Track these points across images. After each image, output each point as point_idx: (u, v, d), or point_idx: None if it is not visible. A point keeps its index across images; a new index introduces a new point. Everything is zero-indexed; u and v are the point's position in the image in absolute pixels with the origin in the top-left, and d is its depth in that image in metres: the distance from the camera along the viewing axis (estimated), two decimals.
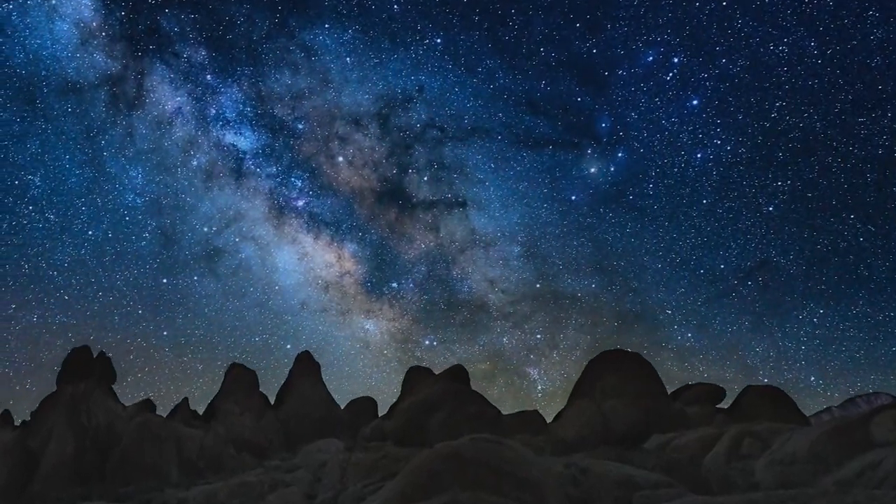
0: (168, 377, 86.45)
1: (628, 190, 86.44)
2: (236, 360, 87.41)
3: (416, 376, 46.26)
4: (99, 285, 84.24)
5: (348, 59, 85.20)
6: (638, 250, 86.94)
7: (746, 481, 20.91)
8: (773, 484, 19.09)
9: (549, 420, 44.96)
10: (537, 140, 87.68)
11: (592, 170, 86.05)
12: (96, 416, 39.70)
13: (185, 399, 46.90)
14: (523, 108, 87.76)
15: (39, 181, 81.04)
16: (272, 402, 52.68)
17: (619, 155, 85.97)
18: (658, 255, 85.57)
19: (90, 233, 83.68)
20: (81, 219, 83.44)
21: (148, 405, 45.42)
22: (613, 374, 38.02)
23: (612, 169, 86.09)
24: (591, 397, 38.14)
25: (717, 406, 42.98)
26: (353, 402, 55.85)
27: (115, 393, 43.93)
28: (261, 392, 51.68)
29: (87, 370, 42.14)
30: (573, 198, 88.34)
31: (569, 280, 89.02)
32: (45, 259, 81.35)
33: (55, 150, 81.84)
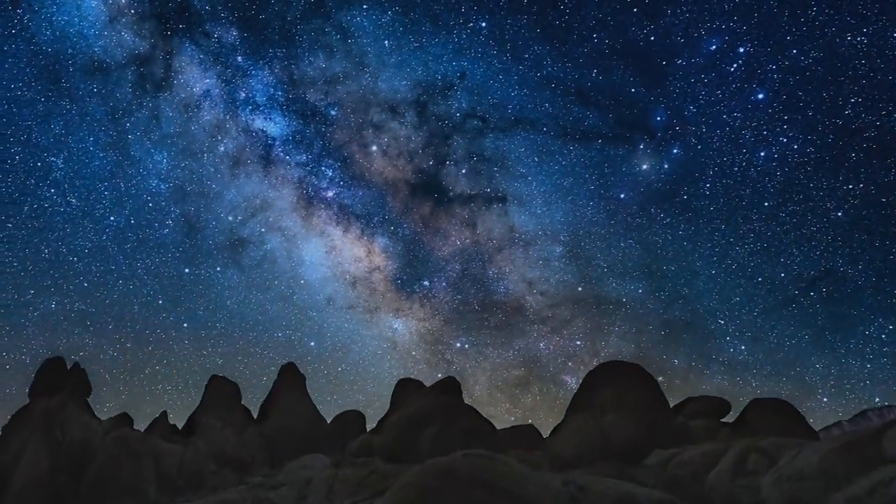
0: (187, 371, 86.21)
1: (683, 189, 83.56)
2: (258, 356, 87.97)
3: (406, 389, 46.07)
4: (119, 273, 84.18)
5: (386, 42, 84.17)
6: (690, 254, 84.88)
7: (752, 499, 20.82)
8: (781, 502, 19.00)
9: (545, 434, 44.82)
10: (586, 133, 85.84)
11: (644, 166, 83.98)
12: (70, 432, 39.36)
13: (164, 412, 46.57)
14: (572, 98, 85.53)
15: (62, 163, 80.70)
16: (255, 416, 52.37)
17: (675, 151, 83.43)
18: (712, 261, 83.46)
19: (112, 218, 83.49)
20: (103, 204, 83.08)
21: (125, 419, 45.03)
22: (613, 386, 37.88)
23: (666, 166, 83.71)
24: (589, 411, 38.00)
25: (722, 420, 42.85)
26: (339, 416, 55.51)
27: (90, 406, 43.60)
28: (243, 405, 51.37)
29: (60, 383, 41.81)
30: (622, 196, 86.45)
31: (613, 284, 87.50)
32: (65, 244, 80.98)
33: (79, 132, 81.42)
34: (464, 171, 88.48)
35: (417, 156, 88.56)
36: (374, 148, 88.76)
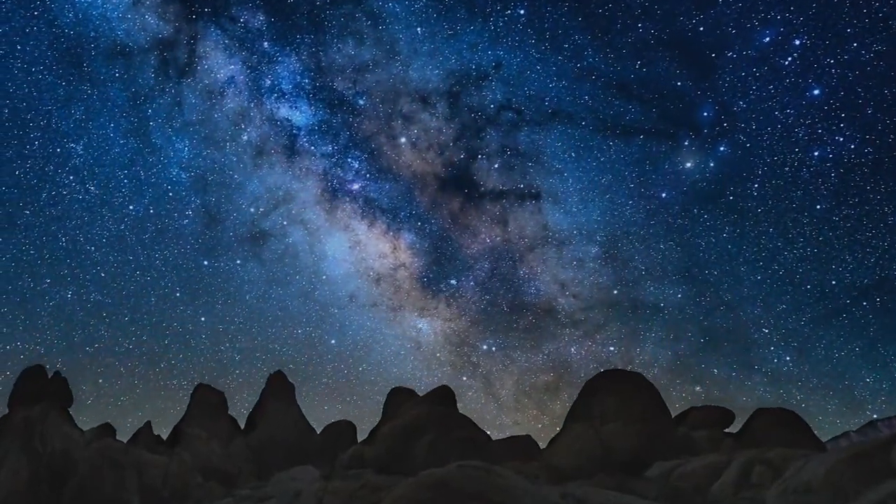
0: (204, 366, 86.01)
1: (729, 189, 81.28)
2: (277, 353, 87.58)
3: (398, 398, 45.92)
4: (137, 263, 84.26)
5: (419, 29, 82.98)
6: (735, 259, 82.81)
7: None
8: None
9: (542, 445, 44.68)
10: (627, 128, 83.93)
11: (688, 164, 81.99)
12: (51, 442, 39.17)
13: (148, 423, 46.33)
14: (613, 91, 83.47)
15: (82, 150, 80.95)
16: (242, 426, 52.20)
17: (721, 149, 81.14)
18: (758, 266, 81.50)
19: (131, 207, 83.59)
20: (123, 192, 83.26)
21: (107, 430, 44.79)
22: (613, 395, 37.85)
23: (712, 164, 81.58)
24: (588, 420, 37.95)
25: (726, 430, 42.82)
26: (329, 427, 55.37)
27: (71, 416, 43.37)
28: (230, 415, 51.21)
29: (41, 392, 41.62)
30: (663, 195, 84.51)
31: (651, 288, 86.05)
32: (83, 233, 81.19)
33: (99, 118, 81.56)
34: (496, 166, 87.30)
35: (448, 149, 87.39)
36: (403, 140, 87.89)
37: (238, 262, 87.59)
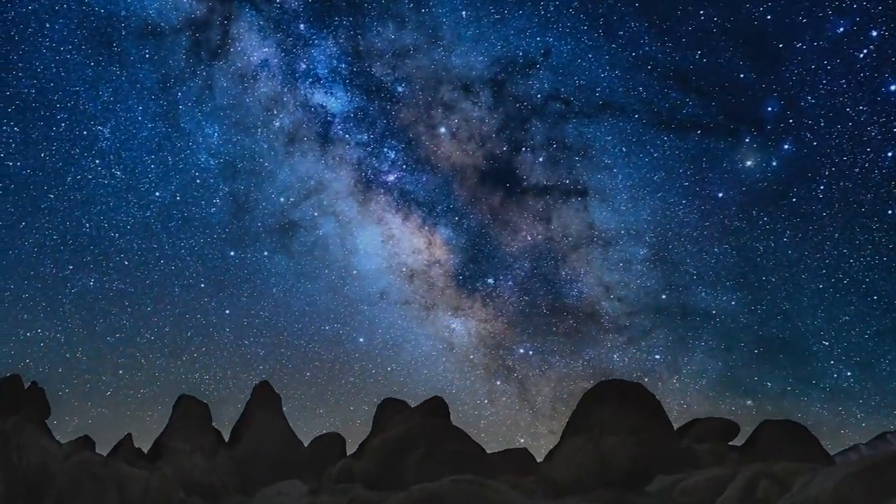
0: (227, 360, 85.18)
1: (792, 190, 78.67)
2: (302, 349, 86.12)
3: (389, 410, 45.79)
4: (161, 252, 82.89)
5: (464, 13, 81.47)
6: (795, 265, 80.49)
7: None
8: None
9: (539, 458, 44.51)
10: (683, 122, 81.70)
11: (749, 162, 79.69)
12: (28, 455, 38.93)
13: (129, 435, 46.00)
14: (670, 82, 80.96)
15: (109, 133, 79.76)
16: (226, 439, 51.98)
17: (786, 147, 78.43)
18: (820, 274, 79.19)
19: (157, 194, 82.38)
20: (149, 178, 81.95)
21: (86, 442, 44.54)
22: (612, 407, 37.77)
23: (775, 163, 79.02)
24: (587, 433, 37.85)
25: (730, 443, 42.75)
26: (317, 439, 55.15)
27: (48, 428, 43.11)
28: (214, 427, 50.93)
29: (17, 403, 41.37)
30: (720, 195, 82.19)
31: (703, 293, 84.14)
32: (107, 219, 79.99)
33: (128, 100, 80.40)
34: (541, 160, 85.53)
35: (490, 140, 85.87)
36: (443, 129, 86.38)
37: (265, 253, 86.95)
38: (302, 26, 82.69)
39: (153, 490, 39.05)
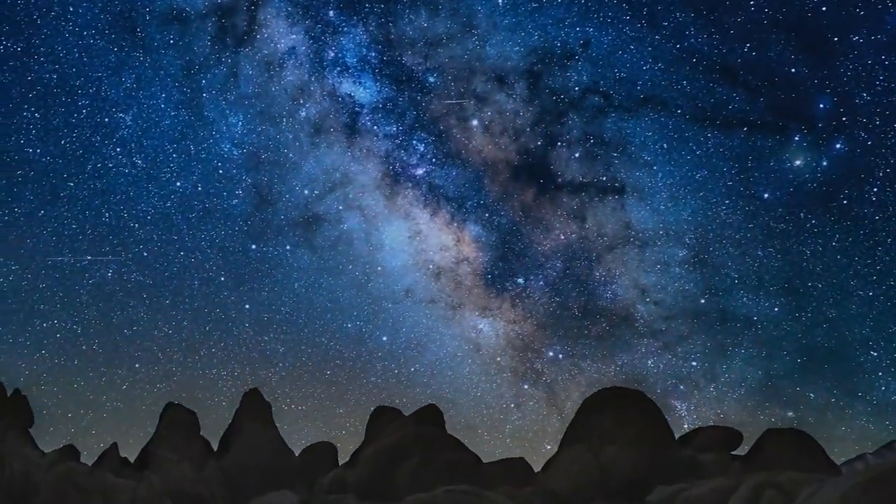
0: (245, 357, 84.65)
1: (843, 192, 76.98)
2: (323, 347, 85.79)
3: (382, 418, 45.66)
4: (181, 244, 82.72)
5: (500, 0, 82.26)
6: (844, 271, 78.77)
7: None
8: None
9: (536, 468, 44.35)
10: (729, 118, 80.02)
11: (798, 162, 77.96)
12: (10, 465, 38.80)
13: (114, 444, 45.79)
14: (716, 76, 79.53)
15: (130, 120, 79.40)
16: (215, 448, 51.81)
17: (837, 146, 76.66)
18: (870, 280, 77.45)
19: (178, 184, 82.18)
20: (171, 167, 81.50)
21: (71, 452, 44.38)
22: (612, 415, 37.66)
23: (825, 163, 77.01)
24: (586, 442, 37.73)
25: (734, 453, 42.68)
26: (308, 449, 54.96)
27: (32, 437, 42.93)
28: (202, 436, 50.73)
29: None
30: (766, 195, 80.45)
31: (744, 298, 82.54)
32: (127, 209, 79.76)
33: (150, 87, 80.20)
34: (577, 155, 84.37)
35: (524, 134, 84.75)
36: (475, 122, 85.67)
37: (288, 247, 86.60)
38: (331, 13, 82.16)
39: (140, 501, 38.90)
